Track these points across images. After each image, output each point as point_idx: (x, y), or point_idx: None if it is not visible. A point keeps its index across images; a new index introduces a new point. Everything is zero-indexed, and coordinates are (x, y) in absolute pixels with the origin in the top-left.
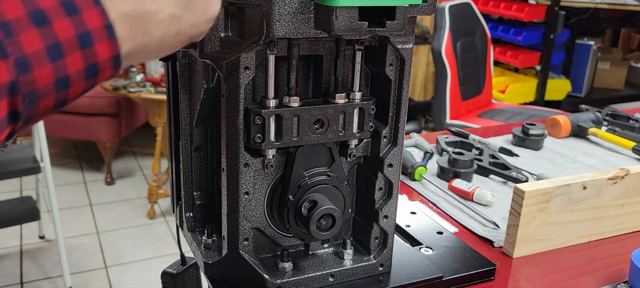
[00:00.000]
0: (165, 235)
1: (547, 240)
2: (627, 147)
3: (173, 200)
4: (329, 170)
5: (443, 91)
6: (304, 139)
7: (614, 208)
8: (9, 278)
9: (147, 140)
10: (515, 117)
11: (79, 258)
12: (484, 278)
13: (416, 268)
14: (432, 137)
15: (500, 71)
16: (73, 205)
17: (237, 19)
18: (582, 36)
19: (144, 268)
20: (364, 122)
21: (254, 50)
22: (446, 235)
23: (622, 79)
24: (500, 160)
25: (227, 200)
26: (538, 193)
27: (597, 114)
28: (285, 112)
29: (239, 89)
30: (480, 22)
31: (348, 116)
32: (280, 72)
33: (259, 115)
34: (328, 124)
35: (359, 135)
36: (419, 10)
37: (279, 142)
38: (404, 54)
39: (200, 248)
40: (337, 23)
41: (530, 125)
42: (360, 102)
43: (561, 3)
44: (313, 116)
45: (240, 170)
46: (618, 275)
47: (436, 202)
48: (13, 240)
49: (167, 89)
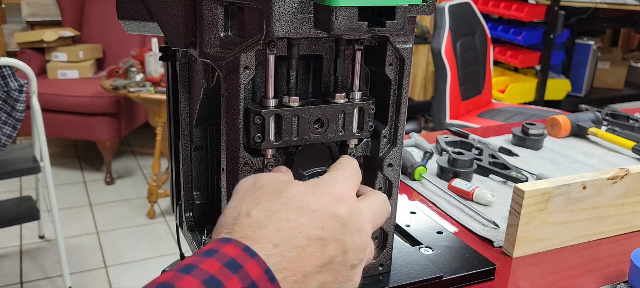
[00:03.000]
0: (165, 235)
1: (547, 240)
2: (627, 147)
3: (173, 200)
4: (328, 170)
5: (443, 91)
6: (304, 139)
7: (614, 208)
8: (9, 278)
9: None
10: (515, 117)
11: (79, 258)
12: (484, 278)
13: (416, 268)
14: (432, 137)
15: (500, 71)
16: (73, 205)
17: (237, 19)
18: (582, 36)
19: (144, 268)
20: (364, 122)
21: (254, 50)
22: (446, 235)
23: (622, 79)
24: (500, 160)
25: (227, 200)
26: (538, 193)
27: (597, 114)
28: (286, 112)
29: (239, 89)
30: (480, 22)
31: (348, 116)
32: (280, 72)
33: (259, 115)
34: (328, 123)
35: (359, 135)
36: (419, 10)
37: (279, 142)
38: (404, 54)
39: (200, 248)
40: (337, 23)
41: (530, 125)
42: (360, 102)
43: (561, 3)
44: (313, 116)
45: (240, 170)
46: (618, 275)
47: (436, 202)
48: (13, 240)
49: (167, 89)
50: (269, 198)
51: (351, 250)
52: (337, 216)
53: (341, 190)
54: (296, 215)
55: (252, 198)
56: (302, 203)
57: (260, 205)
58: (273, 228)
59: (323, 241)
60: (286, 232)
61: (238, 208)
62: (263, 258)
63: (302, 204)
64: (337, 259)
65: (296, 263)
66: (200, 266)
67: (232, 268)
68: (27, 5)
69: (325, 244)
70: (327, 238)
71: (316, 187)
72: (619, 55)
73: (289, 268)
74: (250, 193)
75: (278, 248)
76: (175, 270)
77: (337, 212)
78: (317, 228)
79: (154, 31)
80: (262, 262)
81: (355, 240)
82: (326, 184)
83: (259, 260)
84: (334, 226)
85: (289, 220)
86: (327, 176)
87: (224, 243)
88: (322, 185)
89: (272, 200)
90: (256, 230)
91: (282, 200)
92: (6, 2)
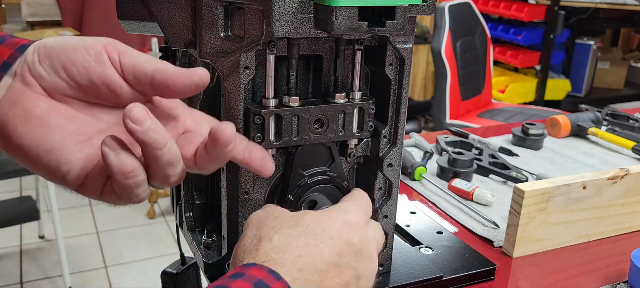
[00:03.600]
0: (165, 235)
1: (547, 240)
2: (627, 147)
3: (173, 200)
4: (329, 170)
5: (443, 91)
6: (304, 138)
7: (614, 208)
8: (9, 278)
9: None
10: (515, 117)
11: (79, 258)
12: (484, 278)
13: (416, 268)
14: (432, 137)
15: (500, 71)
16: (73, 205)
17: (237, 19)
18: (582, 36)
19: (144, 268)
20: (364, 122)
21: (254, 50)
22: (446, 235)
23: (622, 79)
24: (500, 160)
25: (227, 200)
26: (538, 193)
27: (597, 114)
28: (285, 112)
29: (239, 89)
30: (480, 22)
31: (348, 116)
32: (280, 72)
33: (259, 115)
34: (328, 123)
35: (359, 135)
36: (419, 10)
37: (279, 142)
38: (404, 54)
39: (200, 248)
40: (337, 23)
41: (530, 125)
42: (360, 102)
43: (561, 3)
44: (313, 116)
45: (240, 170)
46: (618, 275)
47: (436, 202)
48: (13, 240)
49: None
50: (287, 226)
51: (364, 277)
52: (351, 244)
53: (353, 220)
54: (315, 241)
55: (270, 226)
56: (318, 230)
57: (280, 232)
58: (295, 254)
59: (340, 267)
60: (308, 257)
61: (258, 235)
62: (288, 282)
63: (318, 231)
64: (351, 285)
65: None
66: (230, 286)
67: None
68: (27, 5)
69: (342, 270)
70: (344, 265)
71: (330, 215)
72: (619, 55)
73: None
74: (267, 222)
75: (302, 272)
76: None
77: (351, 240)
78: (334, 255)
79: (154, 31)
80: (287, 285)
81: (368, 268)
82: (339, 213)
83: (284, 284)
84: (349, 253)
85: (309, 245)
86: (339, 205)
87: (248, 267)
88: (336, 214)
89: (291, 227)
90: (279, 254)
91: (300, 228)
92: (6, 2)
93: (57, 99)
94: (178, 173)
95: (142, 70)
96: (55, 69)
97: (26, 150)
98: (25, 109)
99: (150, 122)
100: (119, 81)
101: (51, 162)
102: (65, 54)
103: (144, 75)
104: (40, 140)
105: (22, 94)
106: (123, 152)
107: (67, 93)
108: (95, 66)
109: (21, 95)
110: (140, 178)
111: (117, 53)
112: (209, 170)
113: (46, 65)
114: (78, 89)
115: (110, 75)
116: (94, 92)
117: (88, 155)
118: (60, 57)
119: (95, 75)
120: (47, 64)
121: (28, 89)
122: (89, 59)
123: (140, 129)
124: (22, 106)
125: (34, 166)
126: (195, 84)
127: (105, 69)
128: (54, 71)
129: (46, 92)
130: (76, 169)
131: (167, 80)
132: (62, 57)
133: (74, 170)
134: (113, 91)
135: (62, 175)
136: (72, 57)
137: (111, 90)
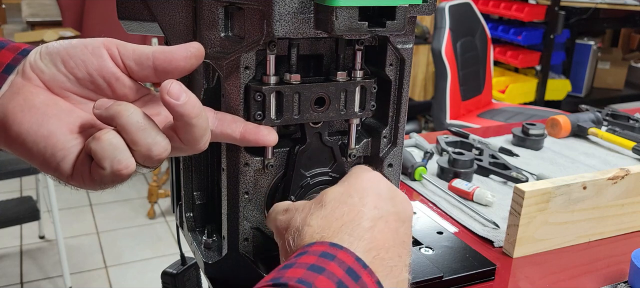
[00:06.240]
0: (165, 235)
1: (547, 240)
2: (627, 147)
3: (173, 200)
4: (330, 171)
5: (443, 91)
6: (305, 116)
7: (614, 208)
8: (9, 278)
9: None
10: (515, 117)
11: (79, 258)
12: (484, 278)
13: (416, 268)
14: (432, 137)
15: (500, 71)
16: (73, 205)
17: (237, 19)
18: (582, 36)
19: (144, 268)
20: (365, 101)
21: (254, 50)
22: (446, 235)
23: (622, 79)
24: (500, 160)
25: (227, 200)
26: (538, 193)
27: (597, 114)
28: (286, 89)
29: (239, 89)
30: (480, 22)
31: (350, 94)
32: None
33: (259, 92)
34: (329, 102)
35: (361, 114)
36: (419, 10)
37: (280, 120)
38: (404, 54)
39: (200, 248)
40: (337, 23)
41: (530, 125)
42: (362, 80)
43: (561, 3)
44: (314, 93)
45: (240, 170)
46: (618, 275)
47: (436, 202)
48: (13, 240)
49: None
50: (316, 208)
51: (407, 220)
52: (380, 194)
53: (370, 176)
54: (349, 207)
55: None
56: (344, 197)
57: (313, 215)
58: (338, 224)
59: (382, 217)
60: (351, 223)
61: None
62: (347, 247)
63: (345, 198)
64: (400, 231)
65: (374, 243)
66: (298, 261)
67: (327, 257)
68: (27, 5)
69: (386, 219)
70: (385, 214)
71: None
72: (619, 55)
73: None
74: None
75: (352, 236)
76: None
77: (379, 191)
78: (372, 209)
79: (154, 31)
80: (350, 251)
81: (406, 209)
82: (354, 177)
83: (346, 250)
84: (383, 200)
85: (345, 213)
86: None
87: (309, 246)
88: (352, 179)
89: (320, 208)
90: (325, 231)
91: (330, 204)
92: (6, 2)
93: (56, 92)
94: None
95: (142, 54)
96: (54, 63)
97: (24, 137)
98: (25, 99)
99: (185, 95)
100: (116, 72)
101: (47, 149)
102: (64, 50)
103: (145, 58)
104: (38, 126)
105: (23, 86)
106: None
107: (66, 86)
108: (93, 59)
109: (22, 88)
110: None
111: (116, 47)
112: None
113: (46, 60)
114: (77, 82)
115: (108, 66)
116: (92, 85)
117: (81, 144)
118: (60, 53)
119: (92, 67)
120: (47, 59)
121: (28, 82)
122: (87, 52)
123: (178, 102)
124: (22, 97)
125: (30, 154)
126: (194, 55)
127: (102, 61)
128: (53, 65)
129: (45, 85)
130: (70, 157)
131: (168, 55)
132: (62, 52)
133: (68, 157)
134: (110, 83)
135: (56, 162)
136: (71, 52)
137: (109, 82)
